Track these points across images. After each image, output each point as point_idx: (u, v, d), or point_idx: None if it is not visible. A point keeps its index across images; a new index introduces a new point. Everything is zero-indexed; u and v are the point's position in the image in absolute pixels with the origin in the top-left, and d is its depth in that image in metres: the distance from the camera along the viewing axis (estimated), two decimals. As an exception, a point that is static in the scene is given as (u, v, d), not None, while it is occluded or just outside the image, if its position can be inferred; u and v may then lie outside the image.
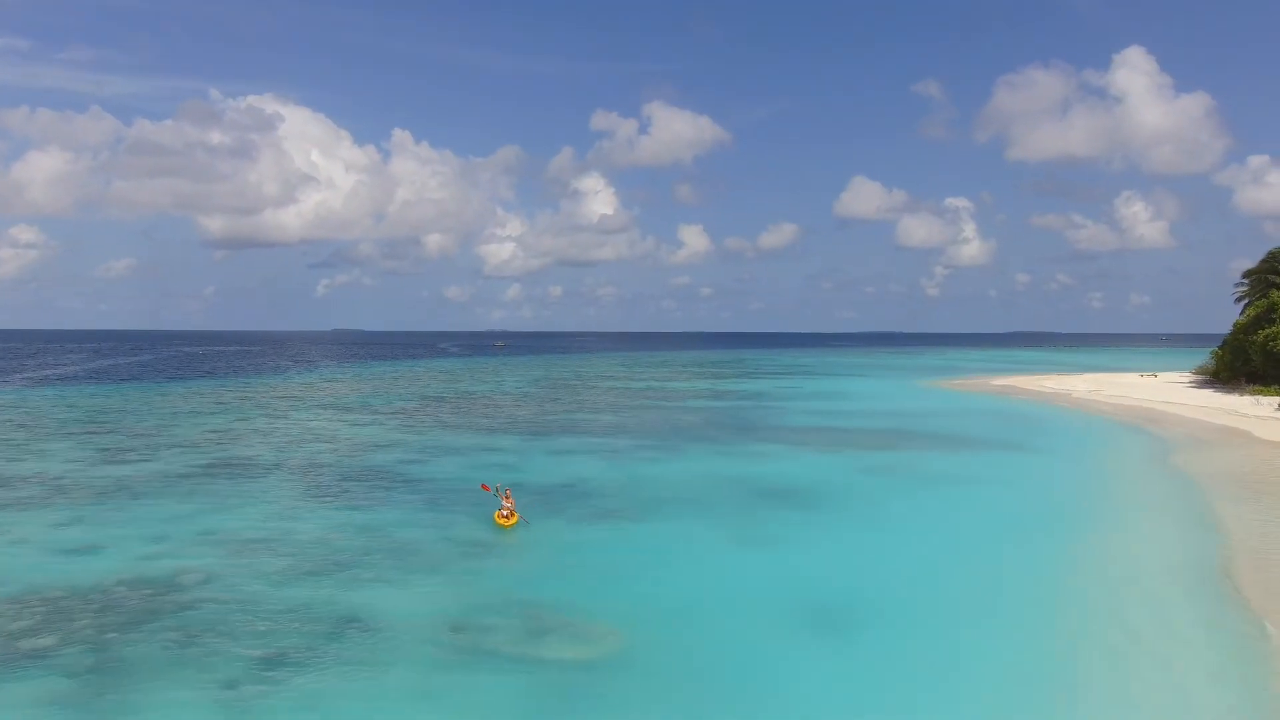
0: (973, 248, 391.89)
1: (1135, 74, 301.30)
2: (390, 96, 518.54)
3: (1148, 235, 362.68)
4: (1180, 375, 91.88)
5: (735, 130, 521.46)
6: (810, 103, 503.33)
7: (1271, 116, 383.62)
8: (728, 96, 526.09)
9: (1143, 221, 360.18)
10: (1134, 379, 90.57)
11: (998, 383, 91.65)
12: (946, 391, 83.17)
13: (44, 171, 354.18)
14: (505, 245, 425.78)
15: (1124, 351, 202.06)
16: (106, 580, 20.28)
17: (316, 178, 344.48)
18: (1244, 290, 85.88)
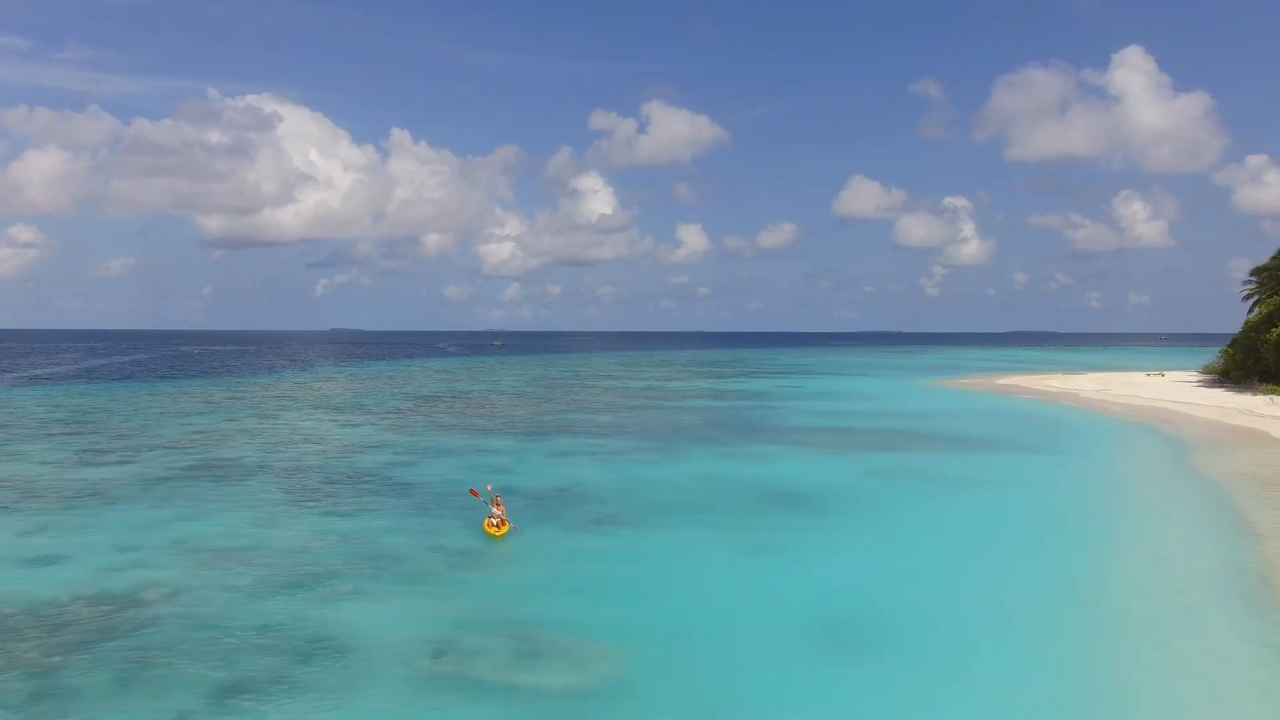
0: (971, 247, 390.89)
1: (1134, 73, 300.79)
2: (389, 96, 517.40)
3: (1146, 235, 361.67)
4: (1187, 374, 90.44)
5: (734, 130, 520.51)
6: (809, 102, 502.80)
7: (1270, 116, 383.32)
8: (727, 96, 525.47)
9: (1141, 221, 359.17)
10: (1141, 378, 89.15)
11: (1001, 382, 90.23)
12: (951, 391, 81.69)
13: (42, 171, 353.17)
14: (504, 245, 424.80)
15: (1124, 351, 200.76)
16: (62, 595, 18.78)
17: (315, 177, 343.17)
18: (1252, 288, 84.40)
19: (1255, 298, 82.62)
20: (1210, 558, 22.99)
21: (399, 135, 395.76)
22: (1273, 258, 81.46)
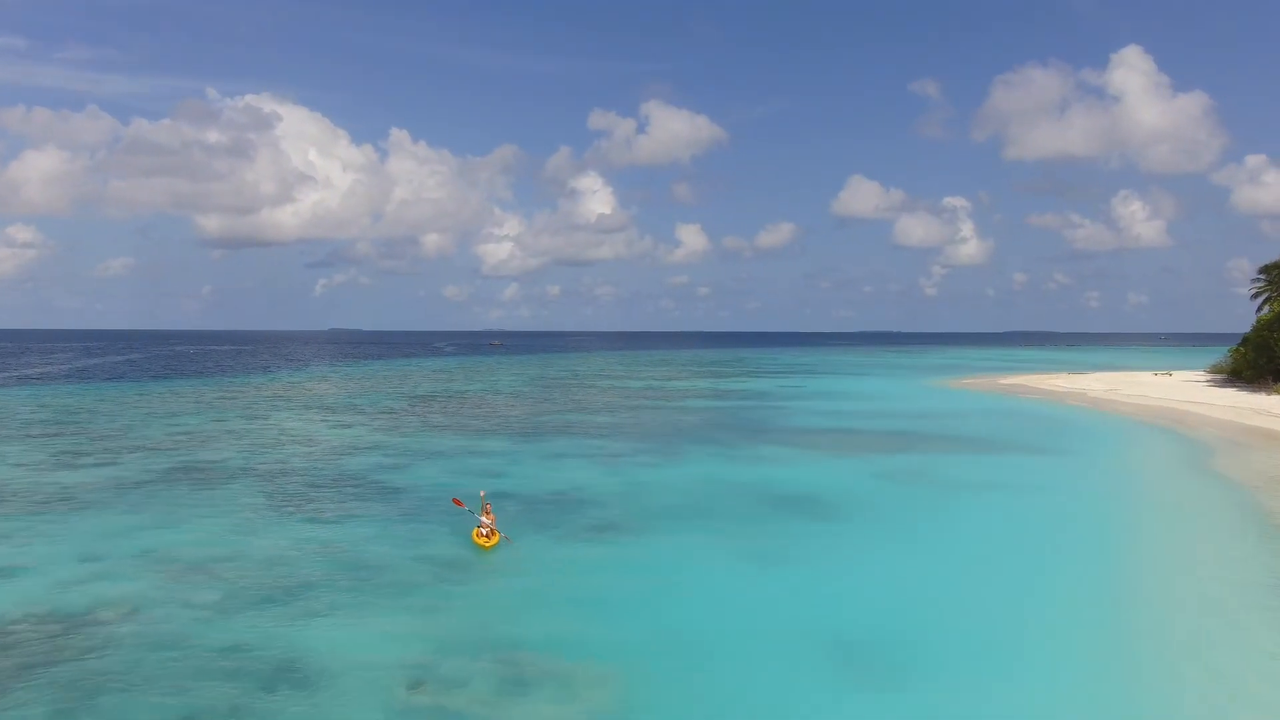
0: (970, 247, 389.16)
1: (1133, 73, 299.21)
2: (388, 96, 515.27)
3: (1145, 234, 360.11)
4: (1195, 374, 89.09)
5: (733, 129, 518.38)
6: (808, 102, 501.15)
7: (1269, 116, 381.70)
8: (725, 96, 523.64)
9: (1140, 221, 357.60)
10: (1148, 377, 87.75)
11: (1006, 381, 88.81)
12: (956, 391, 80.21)
13: (41, 171, 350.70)
14: (503, 245, 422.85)
15: (1125, 350, 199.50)
16: (9, 612, 17.27)
17: (314, 177, 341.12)
18: (1261, 286, 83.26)
19: (1265, 296, 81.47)
20: (1246, 566, 21.59)
21: (398, 135, 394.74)
22: (1284, 255, 80.00)
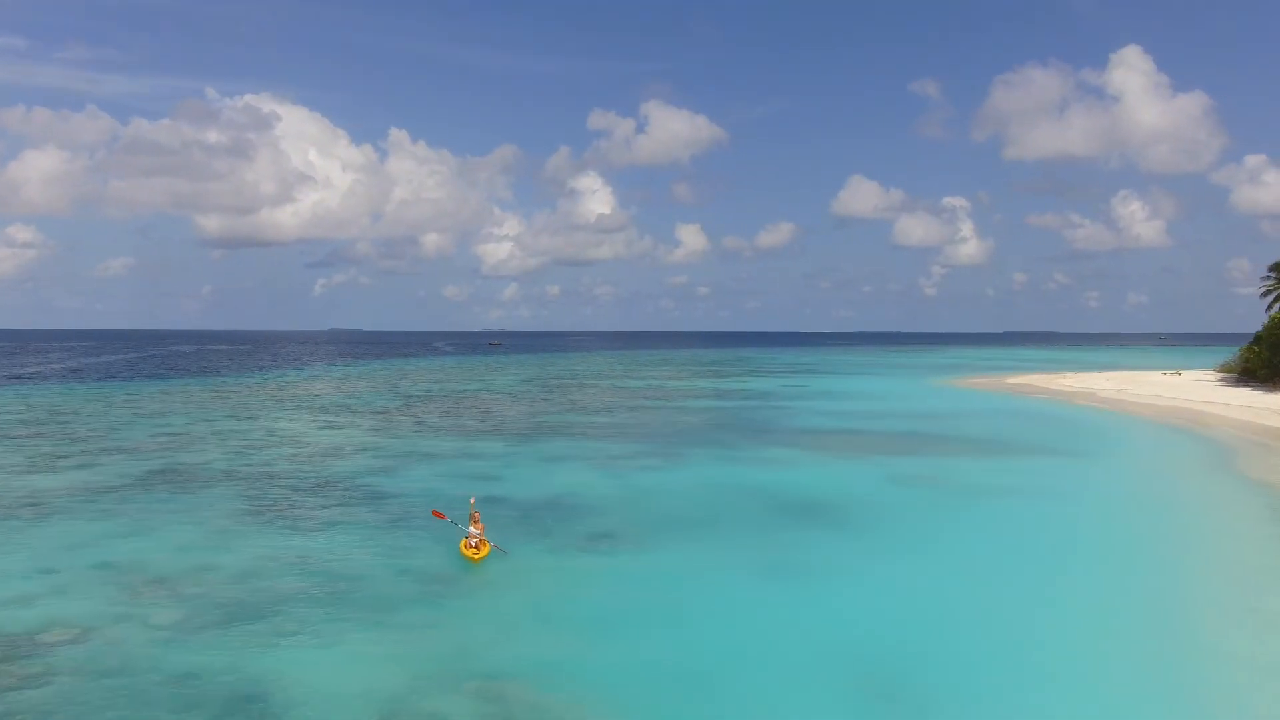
0: (970, 247, 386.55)
1: (1132, 73, 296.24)
2: (387, 96, 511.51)
3: (1144, 234, 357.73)
4: (1204, 373, 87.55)
5: (733, 129, 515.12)
6: (808, 102, 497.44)
7: (1268, 116, 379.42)
8: (725, 96, 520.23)
9: (1140, 221, 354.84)
10: (1157, 377, 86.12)
11: (1012, 381, 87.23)
12: (963, 390, 78.61)
13: (40, 171, 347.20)
14: (503, 244, 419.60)
15: (1127, 350, 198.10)
16: (-54, 636, 15.68)
17: (313, 177, 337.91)
18: (1271, 284, 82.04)
19: (1276, 294, 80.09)
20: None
21: (397, 135, 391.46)
22: (1297, 252, 78.67)
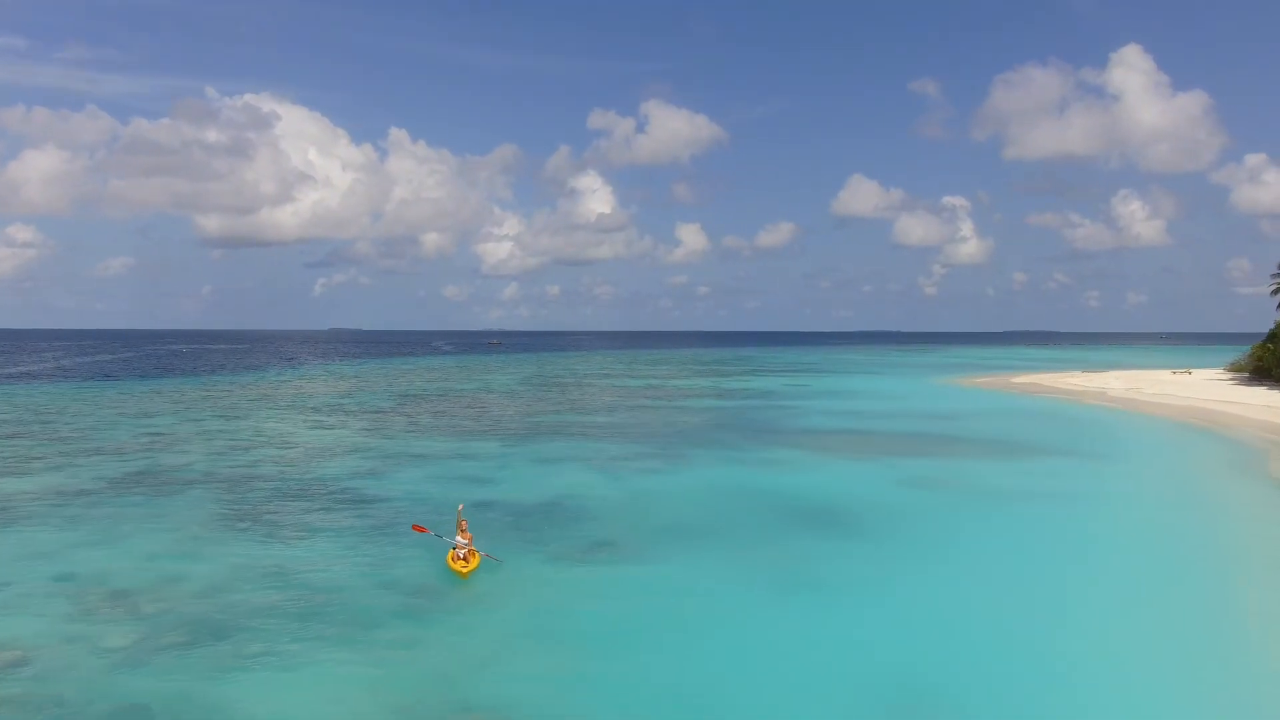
0: (970, 246, 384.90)
1: (1132, 72, 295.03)
2: (387, 95, 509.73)
3: (1144, 234, 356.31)
4: (1214, 372, 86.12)
5: (733, 129, 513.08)
6: (808, 101, 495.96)
7: (1268, 115, 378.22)
8: (725, 95, 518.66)
9: (1140, 220, 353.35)
10: (1167, 376, 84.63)
11: (1018, 380, 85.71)
12: (970, 390, 77.02)
13: (40, 170, 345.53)
14: (502, 244, 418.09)
15: (1129, 349, 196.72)
16: None
17: (313, 176, 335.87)
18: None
19: (1287, 292, 78.86)
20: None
21: (397, 134, 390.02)
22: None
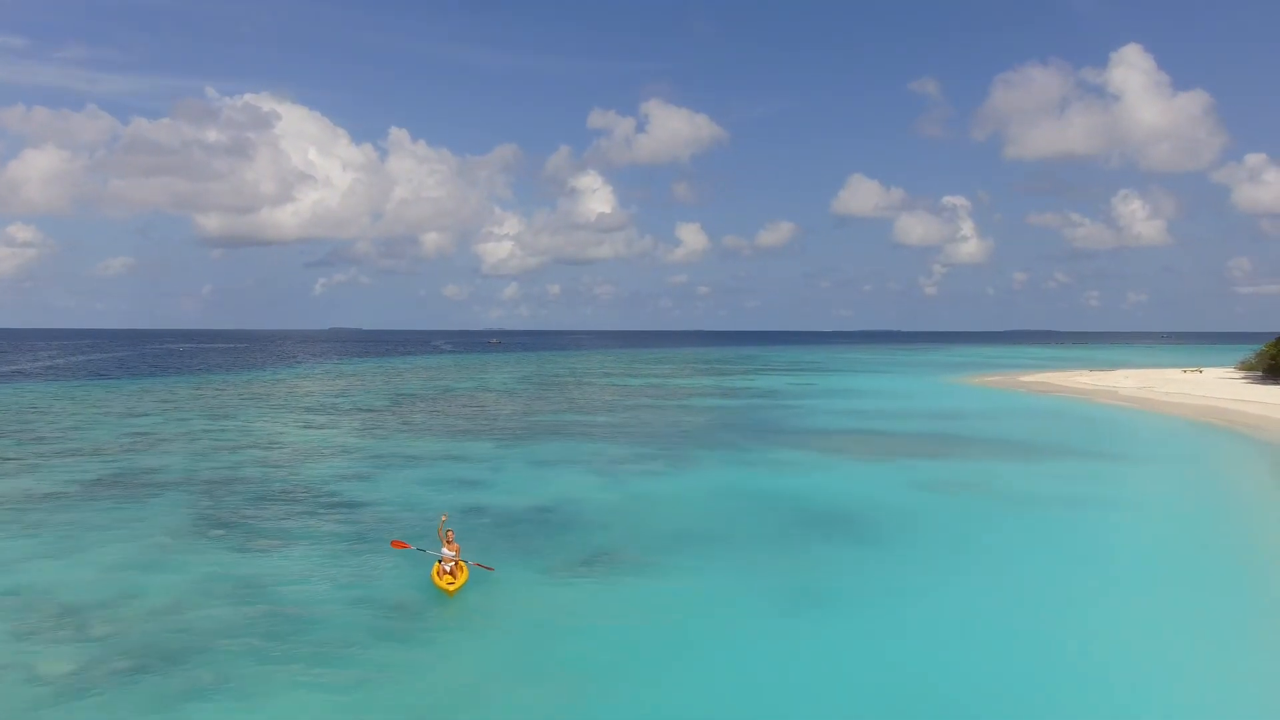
0: (970, 246, 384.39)
1: (1133, 72, 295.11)
2: (387, 95, 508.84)
3: (1145, 233, 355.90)
4: (1224, 371, 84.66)
5: (733, 128, 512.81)
6: (808, 101, 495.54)
7: (1269, 114, 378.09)
8: (725, 95, 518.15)
9: (1140, 219, 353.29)
10: (1178, 375, 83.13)
11: (1026, 379, 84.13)
12: (978, 388, 75.37)
13: (40, 170, 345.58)
14: (503, 244, 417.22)
15: (1132, 348, 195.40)
16: None
17: (313, 176, 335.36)
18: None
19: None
20: None
21: (397, 134, 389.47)
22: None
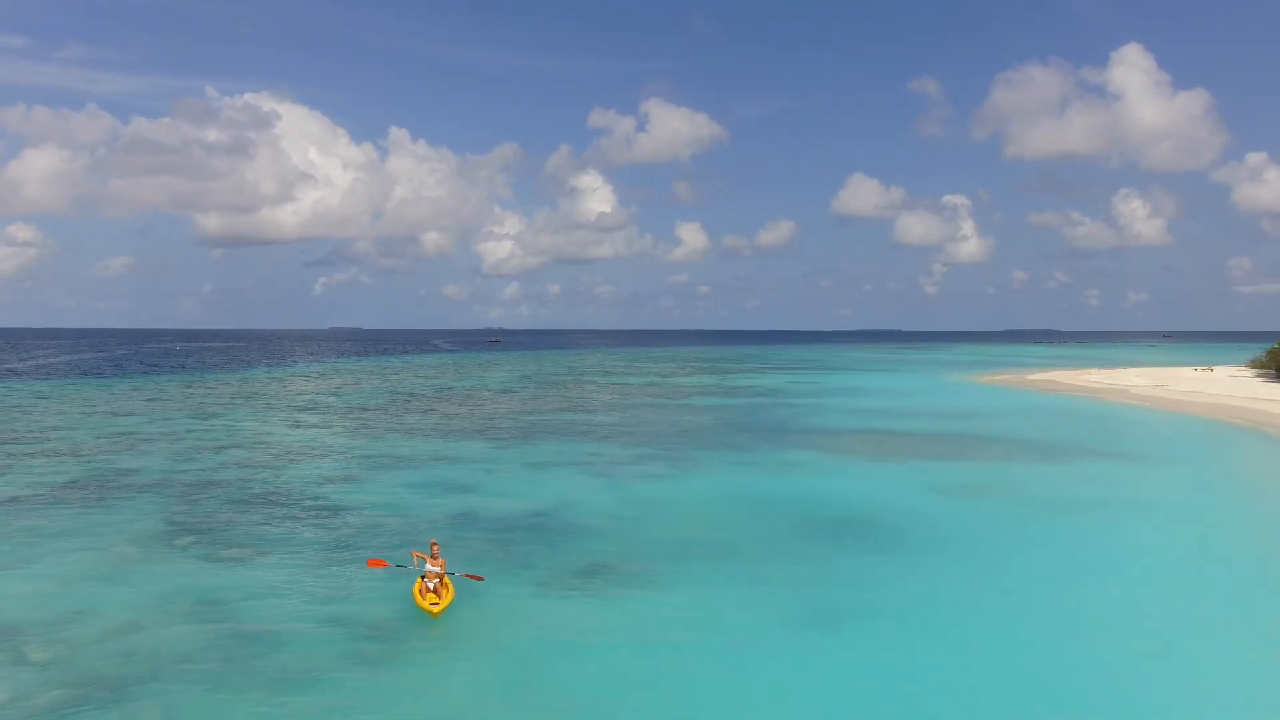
0: (970, 245, 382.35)
1: (1133, 71, 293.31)
2: (387, 94, 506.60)
3: (1145, 232, 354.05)
4: (1235, 369, 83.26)
5: (733, 128, 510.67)
6: (808, 100, 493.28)
7: (1269, 114, 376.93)
8: (725, 94, 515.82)
9: (1140, 219, 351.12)
10: (1189, 373, 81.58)
11: (1034, 377, 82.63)
12: (987, 387, 73.77)
13: (40, 169, 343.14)
14: (503, 243, 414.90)
15: (1135, 347, 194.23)
16: None
17: (314, 175, 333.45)
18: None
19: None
20: None
21: (398, 134, 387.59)
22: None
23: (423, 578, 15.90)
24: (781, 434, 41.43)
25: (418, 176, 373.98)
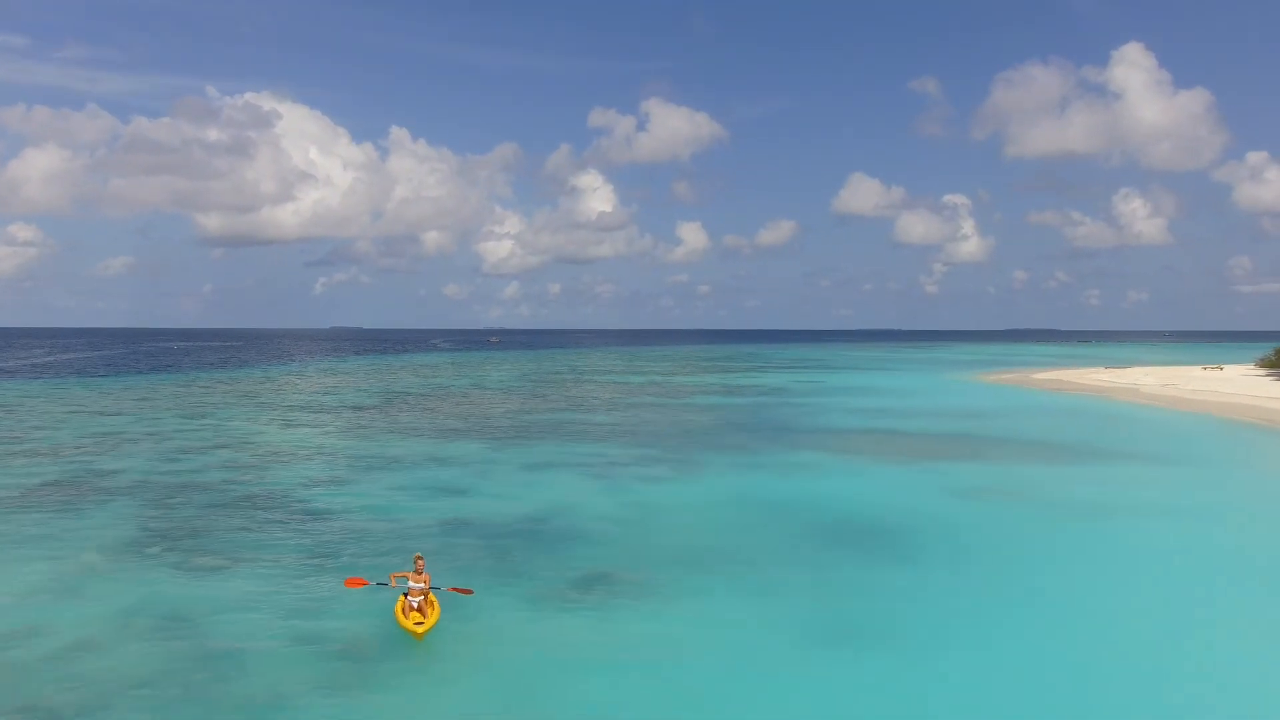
0: (971, 245, 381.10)
1: (1134, 70, 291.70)
2: (388, 94, 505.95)
3: (1146, 232, 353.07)
4: (1244, 368, 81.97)
5: (733, 127, 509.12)
6: (808, 99, 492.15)
7: (1270, 113, 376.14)
8: (726, 93, 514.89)
9: (1141, 218, 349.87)
10: (1199, 372, 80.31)
11: (1040, 376, 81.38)
12: (993, 386, 72.51)
13: (41, 169, 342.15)
14: (503, 243, 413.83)
15: (1138, 346, 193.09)
16: None
17: (314, 175, 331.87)
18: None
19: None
20: None
21: (398, 133, 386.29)
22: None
23: (406, 595, 14.59)
24: (787, 434, 40.17)
25: (418, 176, 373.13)
